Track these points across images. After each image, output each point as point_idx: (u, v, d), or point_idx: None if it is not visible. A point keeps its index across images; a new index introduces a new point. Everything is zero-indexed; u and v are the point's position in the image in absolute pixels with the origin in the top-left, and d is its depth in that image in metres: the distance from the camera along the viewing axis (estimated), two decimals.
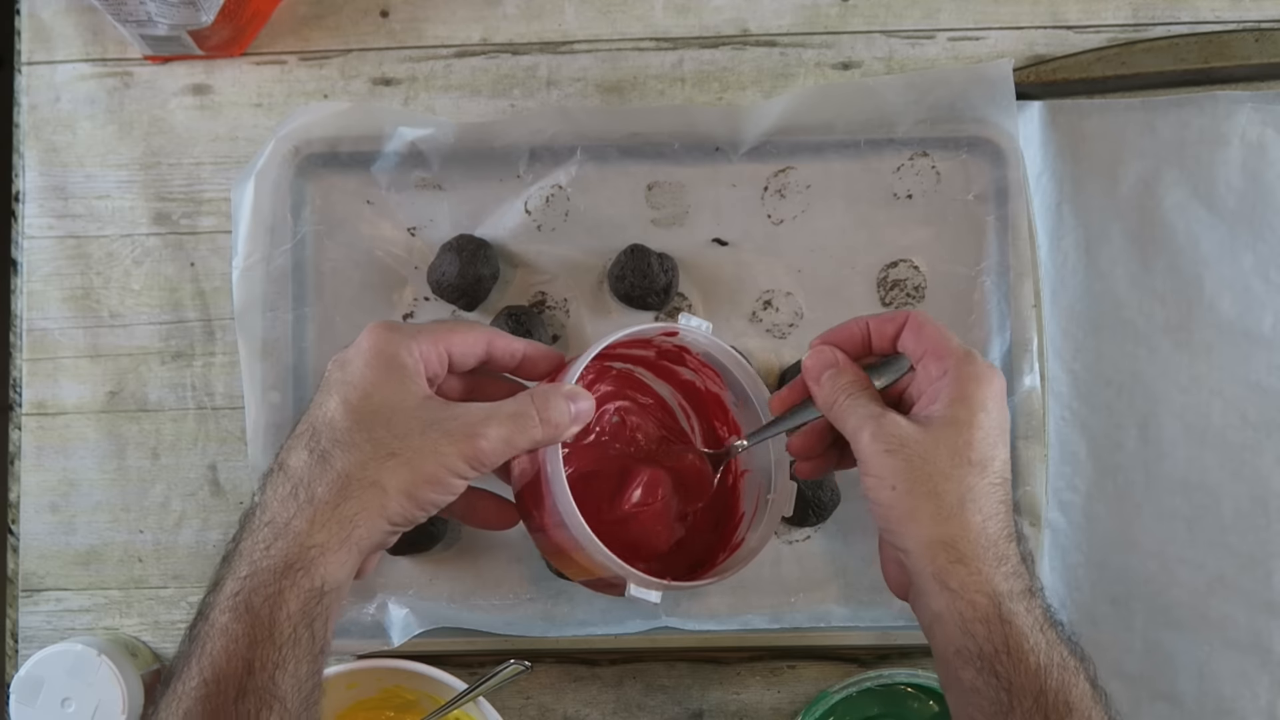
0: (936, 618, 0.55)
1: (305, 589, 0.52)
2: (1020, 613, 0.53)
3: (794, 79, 0.74)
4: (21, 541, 0.73)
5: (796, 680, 0.72)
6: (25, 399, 0.73)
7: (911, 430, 0.55)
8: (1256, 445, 0.71)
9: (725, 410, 0.66)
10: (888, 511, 0.55)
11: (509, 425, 0.55)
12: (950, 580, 0.54)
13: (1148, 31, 0.74)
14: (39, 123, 0.74)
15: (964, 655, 0.54)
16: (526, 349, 0.60)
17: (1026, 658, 0.53)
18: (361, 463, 0.53)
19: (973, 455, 0.55)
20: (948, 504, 0.54)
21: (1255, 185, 0.72)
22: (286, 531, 0.53)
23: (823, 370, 0.59)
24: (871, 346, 0.60)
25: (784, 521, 0.70)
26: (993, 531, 0.54)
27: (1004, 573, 0.54)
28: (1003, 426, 0.56)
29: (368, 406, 0.54)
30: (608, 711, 0.72)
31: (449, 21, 0.74)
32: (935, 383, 0.56)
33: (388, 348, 0.55)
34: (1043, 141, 0.72)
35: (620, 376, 0.67)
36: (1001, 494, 0.55)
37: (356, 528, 0.53)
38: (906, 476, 0.54)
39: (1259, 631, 0.71)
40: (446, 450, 0.53)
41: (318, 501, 0.53)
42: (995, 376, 0.56)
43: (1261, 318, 0.72)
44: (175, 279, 0.73)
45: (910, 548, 0.55)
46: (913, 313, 0.58)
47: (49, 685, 0.67)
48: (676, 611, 0.70)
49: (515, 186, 0.71)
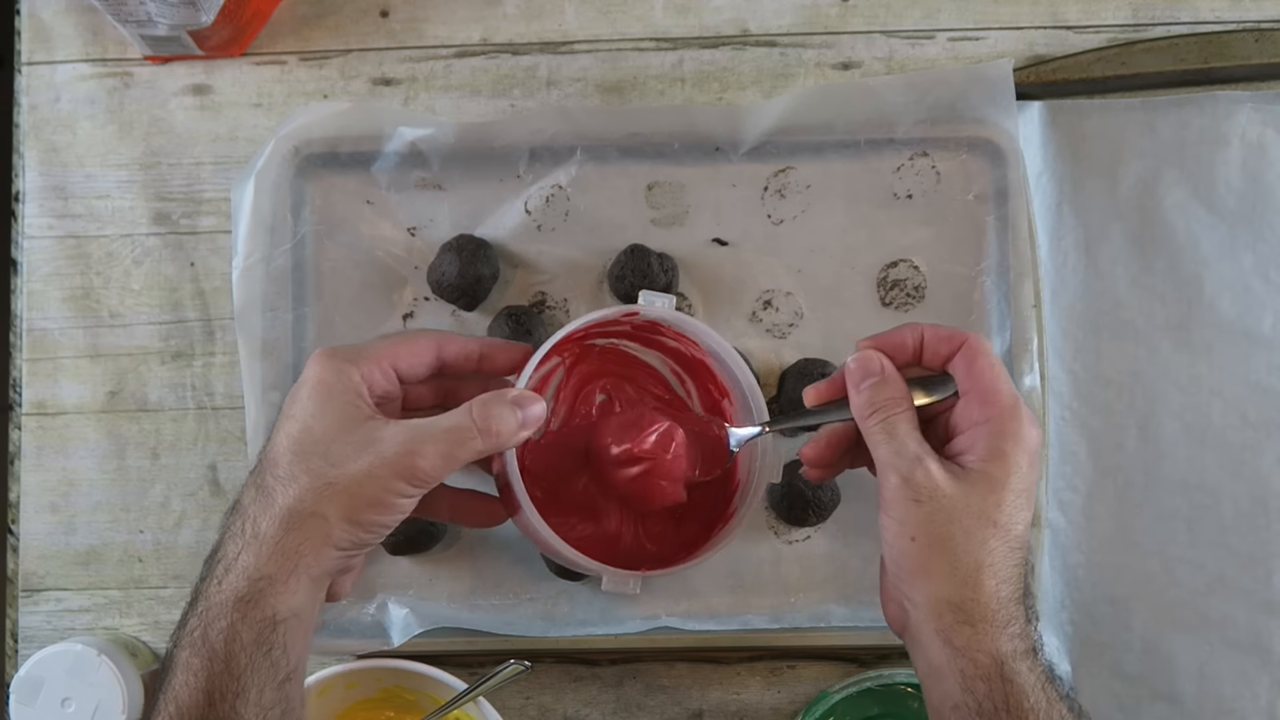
0: (935, 671, 0.55)
1: (257, 620, 0.53)
2: (1023, 672, 0.53)
3: (794, 79, 0.74)
4: (21, 541, 0.73)
5: (796, 680, 0.72)
6: (25, 399, 0.73)
7: (943, 482, 0.54)
8: (1256, 445, 0.71)
9: (714, 374, 0.66)
10: (902, 559, 0.55)
11: (446, 441, 0.55)
12: (955, 639, 0.53)
13: (1148, 31, 0.74)
14: (39, 123, 0.74)
15: (962, 711, 0.53)
16: (482, 347, 0.60)
17: (1026, 716, 0.52)
18: (299, 495, 0.54)
19: (999, 518, 0.54)
20: (964, 566, 0.54)
21: (1255, 185, 0.72)
22: (235, 566, 0.54)
23: (865, 378, 0.57)
24: (922, 360, 0.59)
25: (784, 521, 0.70)
26: (1005, 595, 0.54)
27: (1010, 634, 0.54)
28: (1031, 489, 0.56)
29: (308, 438, 0.55)
30: (608, 711, 0.72)
31: (449, 21, 0.74)
32: (975, 427, 0.56)
33: (327, 376, 0.56)
34: (1043, 141, 0.72)
35: (605, 354, 0.66)
36: (1019, 557, 0.55)
37: (303, 558, 0.54)
38: (928, 530, 0.54)
39: (1259, 631, 0.71)
40: (382, 473, 0.54)
41: (262, 536, 0.54)
42: (1034, 435, 0.56)
43: (1261, 318, 0.72)
44: (175, 279, 0.73)
45: (918, 601, 0.55)
46: (970, 339, 0.57)
47: (49, 685, 0.67)
48: (677, 611, 0.70)
49: (515, 186, 0.71)
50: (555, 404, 0.66)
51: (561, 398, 0.66)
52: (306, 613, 0.55)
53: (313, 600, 0.56)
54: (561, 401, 0.66)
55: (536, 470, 0.64)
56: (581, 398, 0.66)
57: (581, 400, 0.66)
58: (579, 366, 0.66)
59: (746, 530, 0.71)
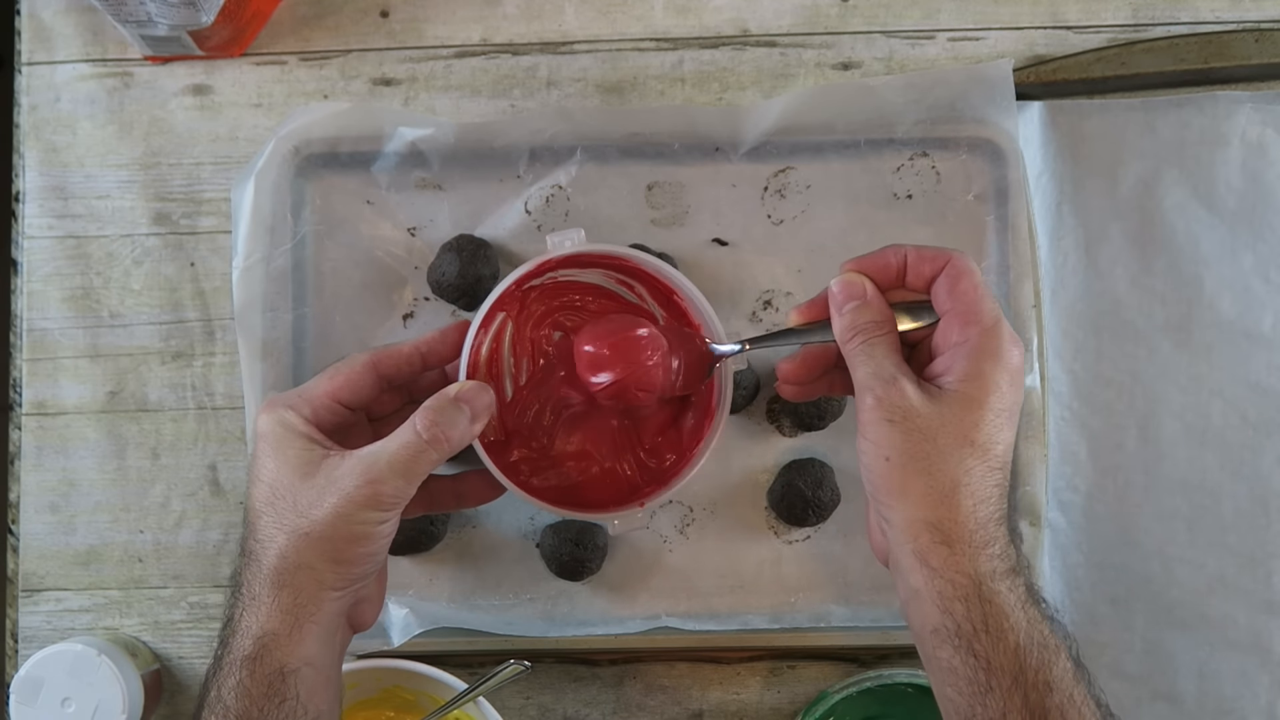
0: (914, 594, 0.54)
1: (264, 674, 0.54)
2: (1002, 591, 0.53)
3: (794, 79, 0.74)
4: (21, 541, 0.73)
5: (796, 680, 0.72)
6: (25, 399, 0.73)
7: (918, 402, 0.54)
8: (1256, 445, 0.71)
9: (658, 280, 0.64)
10: (878, 480, 0.55)
11: (402, 460, 0.55)
12: (931, 559, 0.53)
13: (1148, 32, 0.74)
14: (39, 123, 0.74)
15: (941, 634, 0.53)
16: (418, 347, 0.61)
17: (1005, 636, 0.52)
18: (281, 553, 0.55)
19: (977, 437, 0.53)
20: (940, 485, 0.53)
21: (1255, 185, 0.72)
22: (239, 629, 0.56)
23: (848, 300, 0.57)
24: (905, 282, 0.58)
25: (784, 521, 0.70)
26: (982, 515, 0.53)
27: (988, 554, 0.53)
28: (1013, 408, 0.55)
29: (274, 495, 0.56)
30: (608, 711, 0.72)
31: (449, 21, 0.74)
32: (955, 348, 0.55)
33: (274, 429, 0.57)
34: (1043, 141, 0.72)
35: (546, 290, 0.65)
36: (999, 477, 0.54)
37: (302, 609, 0.55)
38: (903, 450, 0.53)
39: (1259, 631, 0.71)
40: (350, 510, 0.54)
41: (259, 598, 0.55)
42: (1015, 354, 0.55)
43: (1261, 318, 0.72)
44: (175, 279, 0.73)
45: (895, 521, 0.54)
46: (954, 257, 0.56)
47: (49, 685, 0.67)
48: (677, 611, 0.70)
49: (515, 186, 0.71)
50: (514, 358, 0.64)
51: (518, 351, 0.64)
52: (321, 659, 0.56)
53: (325, 646, 0.56)
54: (520, 354, 0.64)
55: (519, 429, 0.64)
56: (536, 343, 0.64)
57: (538, 345, 0.65)
58: (524, 313, 0.64)
59: (746, 530, 0.71)
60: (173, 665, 0.73)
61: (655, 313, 0.65)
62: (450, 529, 0.71)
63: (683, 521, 0.71)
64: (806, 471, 0.69)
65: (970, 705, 0.52)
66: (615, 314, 0.64)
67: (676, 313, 0.65)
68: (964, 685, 0.52)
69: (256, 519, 0.56)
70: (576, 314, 0.65)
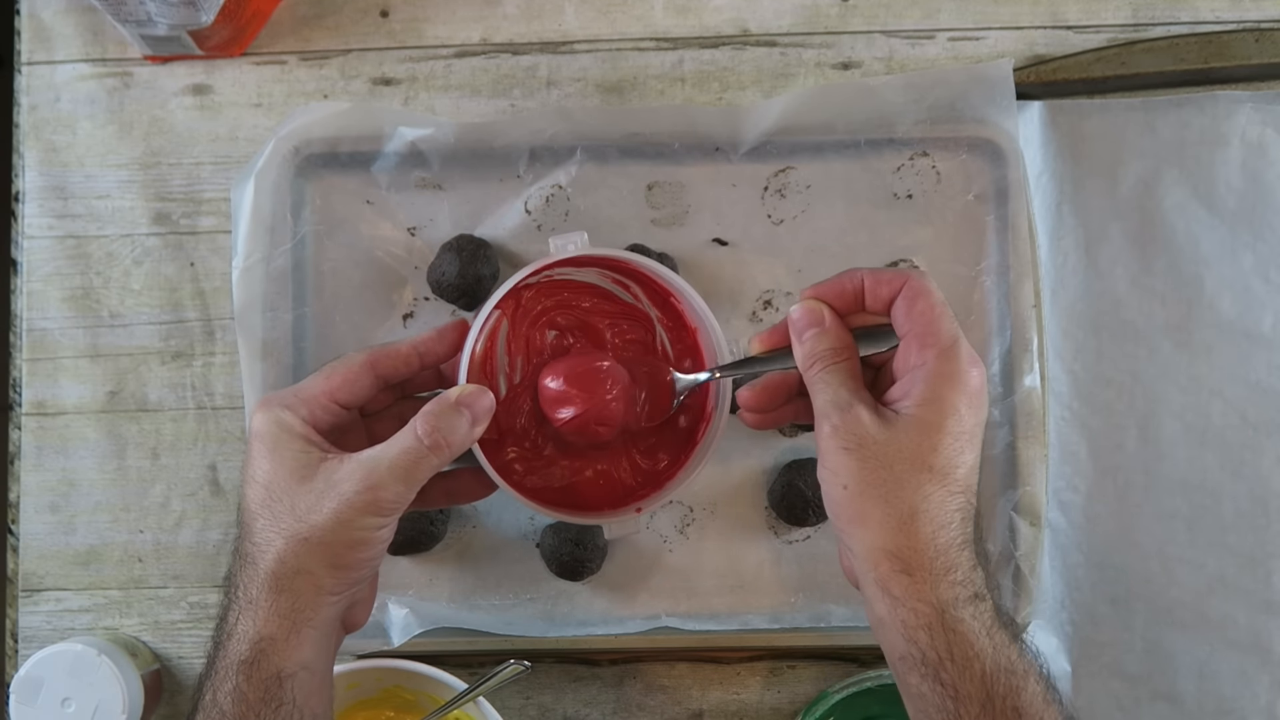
0: (880, 622, 0.54)
1: (261, 679, 0.54)
2: (965, 619, 0.52)
3: (794, 79, 0.74)
4: (21, 541, 0.73)
5: (796, 680, 0.72)
6: (25, 399, 0.73)
7: (874, 429, 0.53)
8: (1256, 445, 0.71)
9: (653, 279, 0.64)
10: (837, 509, 0.54)
11: (402, 465, 0.55)
12: (893, 588, 0.52)
13: (1148, 31, 0.74)
14: (39, 123, 0.74)
15: (908, 661, 0.53)
16: (416, 347, 0.60)
17: (971, 664, 0.51)
18: (279, 558, 0.54)
19: (935, 462, 0.52)
20: (898, 513, 0.52)
21: (1255, 185, 0.72)
22: (235, 632, 0.55)
23: (807, 328, 0.56)
24: (865, 305, 0.57)
25: (784, 521, 0.70)
26: (943, 541, 0.52)
27: (950, 581, 0.52)
28: (974, 431, 0.54)
29: (270, 498, 0.55)
30: (608, 711, 0.72)
31: (449, 21, 0.74)
32: (913, 371, 0.54)
33: (270, 429, 0.56)
34: (1043, 141, 0.72)
35: (543, 289, 0.64)
36: (960, 502, 0.53)
37: (300, 614, 0.54)
38: (859, 478, 0.53)
39: (1259, 631, 0.71)
40: (349, 515, 0.54)
41: (255, 601, 0.55)
42: (973, 376, 0.54)
43: (1261, 318, 0.72)
44: (175, 279, 0.73)
45: (856, 550, 0.54)
46: (911, 278, 0.55)
47: (49, 685, 0.67)
48: (677, 611, 0.70)
49: (515, 186, 0.71)
50: (509, 357, 0.64)
51: (513, 349, 0.64)
52: (317, 662, 0.56)
53: (321, 649, 0.56)
54: (515, 352, 0.64)
55: (513, 428, 0.64)
56: (533, 341, 0.64)
57: (533, 344, 0.64)
58: (520, 311, 0.64)
59: (746, 530, 0.71)
60: (173, 665, 0.73)
61: (650, 314, 0.65)
62: (450, 529, 0.71)
63: (683, 521, 0.71)
64: (806, 471, 0.69)
65: None
66: (612, 321, 0.64)
67: (673, 315, 0.65)
68: (934, 712, 0.52)
69: (252, 521, 0.56)
70: (571, 313, 0.65)
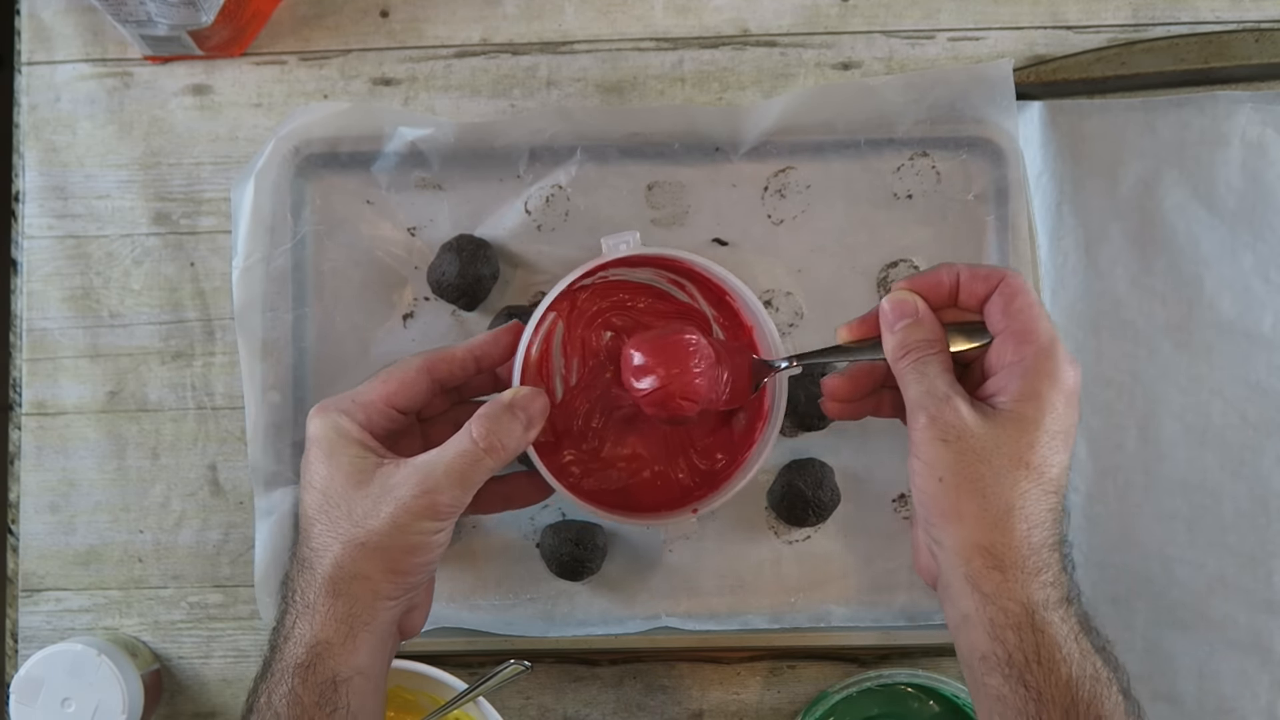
0: (965, 620, 0.53)
1: (316, 683, 0.54)
2: (1054, 621, 0.52)
3: (794, 79, 0.74)
4: (21, 541, 0.73)
5: (796, 680, 0.72)
6: (25, 399, 0.73)
7: (972, 422, 0.53)
8: (1256, 445, 0.71)
9: (706, 278, 0.64)
10: (930, 502, 0.54)
11: (458, 469, 0.55)
12: (984, 585, 0.52)
13: (1148, 31, 0.74)
14: (39, 123, 0.74)
15: (990, 661, 0.52)
16: (471, 351, 0.60)
17: (1058, 669, 0.51)
18: (336, 563, 0.55)
19: (1032, 459, 0.52)
20: (994, 508, 0.52)
21: (1255, 185, 0.72)
22: (292, 635, 0.55)
23: (900, 319, 0.56)
24: (958, 301, 0.57)
25: (784, 521, 0.70)
26: (1036, 540, 0.52)
27: (1041, 581, 0.52)
28: (1069, 431, 0.54)
29: (328, 504, 0.56)
30: (608, 711, 0.72)
31: (449, 21, 0.74)
32: (1009, 367, 0.54)
33: (327, 434, 0.57)
34: (1043, 141, 0.72)
35: (597, 291, 0.64)
36: (1053, 501, 0.53)
37: (357, 618, 0.55)
38: (956, 471, 0.52)
39: (1259, 631, 0.71)
40: (406, 520, 0.54)
41: (313, 606, 0.55)
42: (1071, 374, 0.54)
43: (1261, 318, 0.72)
44: (175, 279, 0.73)
45: (947, 544, 0.53)
46: (1007, 275, 0.55)
47: (49, 685, 0.67)
48: (677, 611, 0.70)
49: (515, 186, 0.71)
50: (565, 359, 0.65)
51: (569, 351, 0.65)
52: (372, 668, 0.56)
53: (376, 654, 0.56)
54: (571, 354, 0.64)
55: (569, 430, 0.64)
56: (589, 343, 0.64)
57: (589, 346, 0.64)
58: (575, 313, 0.64)
59: (746, 530, 0.71)
60: (173, 665, 0.73)
61: (707, 313, 0.65)
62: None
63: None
64: (806, 471, 0.69)
65: None
66: (667, 322, 0.64)
67: (728, 313, 0.65)
68: (1012, 715, 0.52)
69: (310, 526, 0.56)
70: (627, 314, 0.65)
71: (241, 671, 0.73)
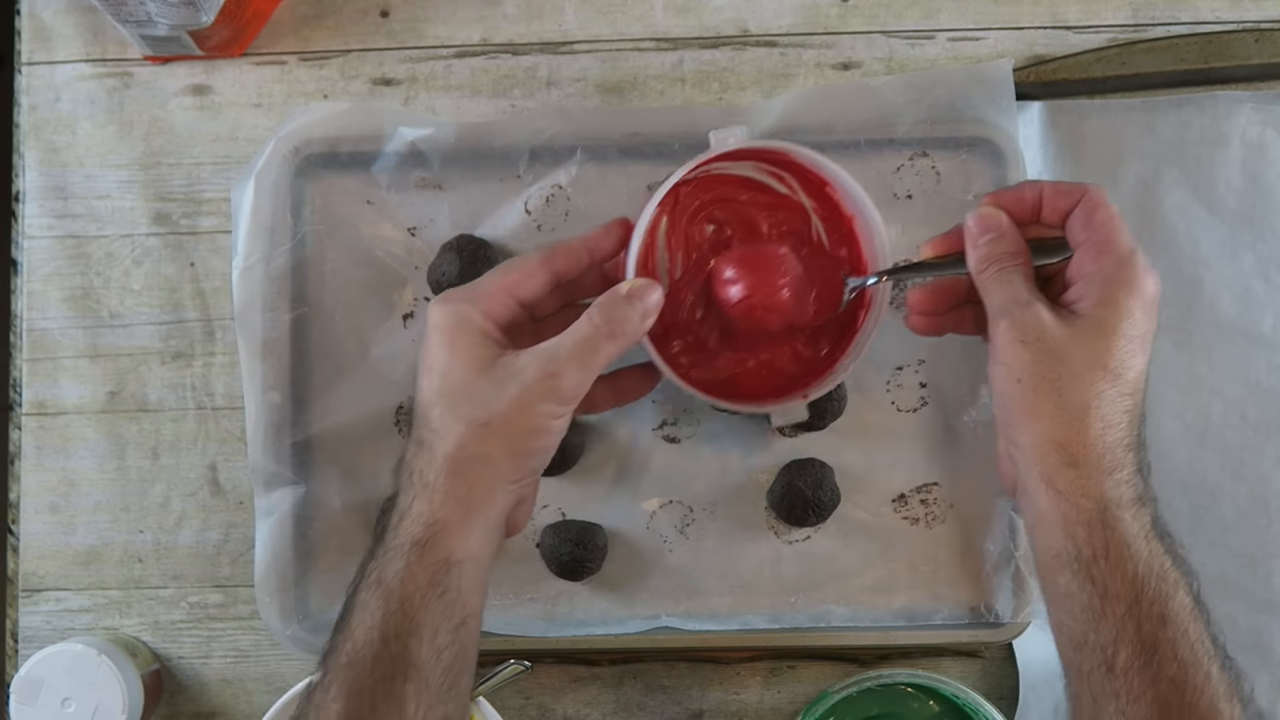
0: (1039, 517, 0.55)
1: (432, 562, 0.55)
2: (1125, 520, 0.53)
3: (794, 79, 0.74)
4: (21, 541, 0.73)
5: (796, 680, 0.72)
6: (25, 399, 0.73)
7: (1052, 325, 0.55)
8: (1256, 445, 0.71)
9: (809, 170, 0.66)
10: (1008, 404, 0.56)
11: (580, 354, 0.57)
12: (1058, 481, 0.54)
13: (1148, 32, 0.74)
14: (39, 123, 0.74)
15: (1062, 558, 0.54)
16: (586, 244, 0.62)
17: (1124, 564, 0.53)
18: (458, 443, 0.56)
19: (1109, 361, 0.54)
20: (1070, 406, 0.54)
21: (1255, 185, 0.72)
22: (409, 513, 0.56)
23: (984, 233, 0.58)
24: (1041, 216, 0.59)
25: (784, 521, 0.70)
26: (1111, 440, 0.54)
27: (1115, 480, 0.54)
28: (1145, 336, 0.56)
29: (448, 386, 0.57)
30: (608, 711, 0.73)
31: (449, 21, 0.74)
32: (1089, 276, 0.56)
33: (449, 321, 0.58)
34: (1043, 141, 0.72)
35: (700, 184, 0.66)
36: (1130, 404, 0.55)
37: (474, 500, 0.56)
38: (1034, 371, 0.55)
39: (1259, 632, 0.71)
40: (531, 401, 0.56)
41: (432, 486, 0.56)
42: (1149, 284, 0.56)
43: (1261, 318, 0.72)
44: (175, 279, 0.73)
45: (1023, 443, 0.55)
46: (1090, 190, 0.58)
47: (49, 685, 0.67)
48: (677, 611, 0.70)
49: (515, 186, 0.71)
50: (670, 253, 0.66)
51: (674, 245, 0.66)
52: (482, 555, 0.57)
53: (487, 542, 0.57)
54: (675, 248, 0.66)
55: (677, 322, 0.65)
56: (692, 237, 0.66)
57: (693, 239, 0.66)
58: (679, 208, 0.66)
59: (746, 530, 0.71)
60: (173, 665, 0.73)
61: (805, 205, 0.66)
62: None
63: (683, 521, 0.71)
64: (806, 471, 0.69)
65: (1083, 631, 0.53)
66: (768, 214, 0.65)
67: (828, 205, 0.66)
68: (1079, 611, 0.53)
69: (428, 409, 0.57)
70: (729, 207, 0.66)
71: (242, 671, 0.73)
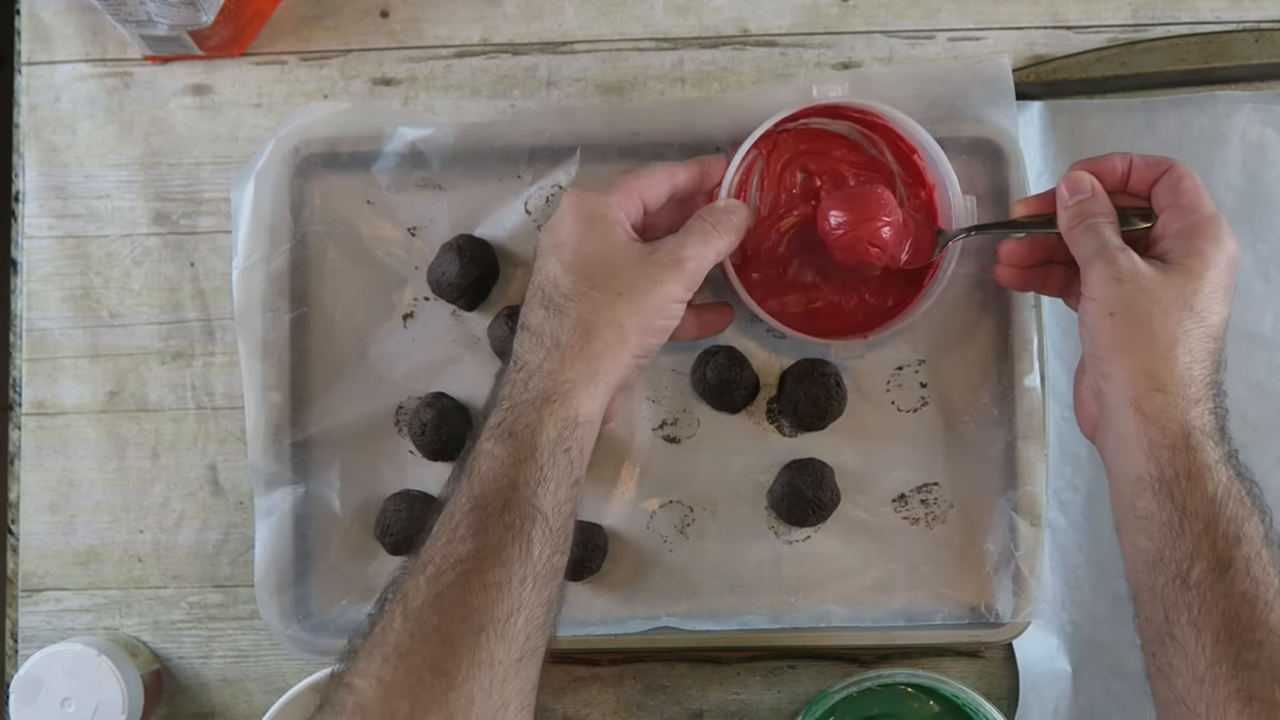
0: (1123, 442, 0.58)
1: (562, 417, 0.57)
2: (1208, 446, 0.56)
3: (794, 79, 0.74)
4: (21, 541, 0.73)
5: (796, 680, 0.72)
6: (25, 399, 0.73)
7: (1143, 266, 0.58)
8: (1256, 445, 0.71)
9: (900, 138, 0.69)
10: (1099, 338, 0.58)
11: (700, 244, 0.61)
12: (1146, 406, 0.56)
13: (1148, 32, 0.74)
14: (39, 123, 0.74)
15: (1143, 481, 0.56)
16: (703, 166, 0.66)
17: (1204, 485, 0.55)
18: (594, 308, 0.59)
19: (1196, 303, 0.57)
20: (1160, 340, 0.57)
21: (1255, 185, 0.72)
22: (540, 371, 0.58)
23: (1074, 195, 0.62)
24: (1128, 185, 0.62)
25: (784, 521, 0.70)
26: (1197, 373, 0.57)
27: (1200, 410, 0.57)
28: (1228, 288, 0.59)
29: (582, 260, 0.59)
30: (608, 711, 0.73)
31: (449, 21, 0.74)
32: (1175, 233, 0.60)
33: (587, 204, 0.61)
34: (1043, 141, 0.72)
35: (798, 135, 0.70)
36: (1213, 345, 0.58)
37: (602, 364, 0.58)
38: (1127, 306, 0.58)
39: None
40: (662, 278, 0.59)
41: (564, 346, 0.58)
42: (1232, 243, 0.59)
43: (1261, 318, 0.72)
44: (175, 279, 0.73)
45: (1113, 374, 0.58)
46: (1176, 164, 0.61)
47: (49, 685, 0.67)
48: (677, 611, 0.70)
49: (515, 186, 0.71)
50: (760, 191, 0.69)
51: (765, 186, 0.69)
52: (597, 421, 0.60)
53: (601, 410, 0.60)
54: (766, 189, 0.69)
55: (758, 254, 0.69)
56: (783, 181, 0.69)
57: (784, 183, 0.69)
58: (775, 152, 0.69)
59: (746, 530, 0.71)
60: (173, 665, 0.73)
61: (893, 169, 0.70)
62: None
63: (683, 521, 0.71)
64: (806, 471, 0.69)
65: (1159, 549, 0.56)
66: (858, 171, 0.69)
67: (913, 172, 0.69)
68: (1156, 530, 0.56)
69: (559, 278, 0.59)
70: (821, 159, 0.69)
71: (242, 671, 0.73)
